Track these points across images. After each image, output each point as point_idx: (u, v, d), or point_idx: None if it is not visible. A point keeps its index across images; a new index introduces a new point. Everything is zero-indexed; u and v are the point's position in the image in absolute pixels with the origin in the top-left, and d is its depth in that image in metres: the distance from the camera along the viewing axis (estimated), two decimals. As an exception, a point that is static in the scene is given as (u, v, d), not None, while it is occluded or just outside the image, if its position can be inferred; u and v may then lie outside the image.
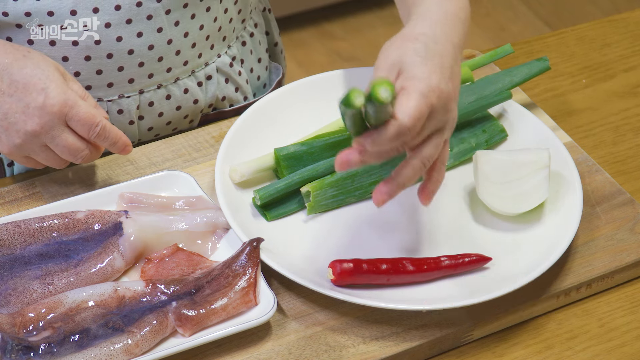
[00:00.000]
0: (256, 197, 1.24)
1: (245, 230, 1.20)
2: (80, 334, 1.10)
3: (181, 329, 1.12)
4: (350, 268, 1.16)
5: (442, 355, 1.17)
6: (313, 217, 1.26)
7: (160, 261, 1.19)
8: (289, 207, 1.26)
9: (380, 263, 1.17)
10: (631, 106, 1.47)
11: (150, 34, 1.31)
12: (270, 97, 1.35)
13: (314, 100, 1.36)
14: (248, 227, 1.21)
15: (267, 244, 1.18)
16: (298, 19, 3.04)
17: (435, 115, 1.07)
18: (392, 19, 3.14)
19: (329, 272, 1.17)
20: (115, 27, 1.29)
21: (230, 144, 1.29)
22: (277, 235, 1.22)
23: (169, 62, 1.35)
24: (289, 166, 1.27)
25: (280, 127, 1.33)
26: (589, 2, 3.22)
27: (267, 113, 1.34)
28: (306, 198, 1.25)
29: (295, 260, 1.20)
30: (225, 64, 1.42)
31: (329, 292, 1.14)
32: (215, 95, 1.42)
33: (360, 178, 1.27)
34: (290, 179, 1.25)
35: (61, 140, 1.21)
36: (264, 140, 1.31)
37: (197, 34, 1.35)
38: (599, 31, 1.59)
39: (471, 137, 1.33)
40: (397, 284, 1.18)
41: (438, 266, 1.18)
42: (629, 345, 1.18)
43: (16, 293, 1.15)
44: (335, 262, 1.17)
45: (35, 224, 1.20)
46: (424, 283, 1.19)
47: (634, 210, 1.28)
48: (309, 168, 1.26)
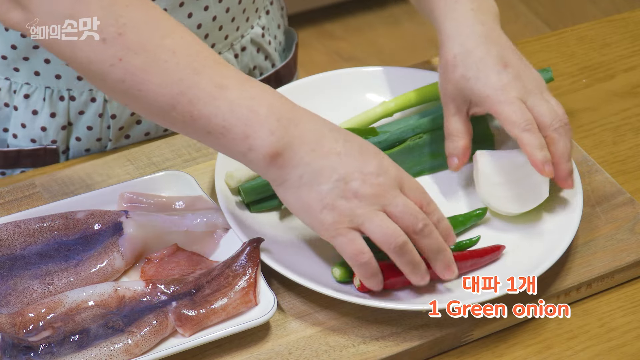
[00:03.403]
0: (241, 192, 1.24)
1: (245, 231, 1.20)
2: (80, 334, 1.10)
3: (181, 329, 1.12)
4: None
5: (442, 355, 1.17)
6: None
7: (160, 261, 1.19)
8: (273, 202, 1.26)
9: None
10: (631, 106, 1.47)
11: (198, 13, 1.34)
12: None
13: (314, 100, 1.36)
14: (248, 227, 1.21)
15: (267, 244, 1.18)
16: (298, 19, 3.04)
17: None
18: (392, 19, 3.14)
19: (355, 282, 1.16)
20: (171, 12, 1.32)
21: None
22: (277, 235, 1.22)
23: (214, 38, 1.38)
24: None
25: None
26: (589, 2, 3.22)
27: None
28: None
29: (295, 260, 1.20)
30: (257, 34, 1.46)
31: (329, 292, 1.14)
32: (248, 65, 1.46)
33: None
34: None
35: (401, 200, 1.11)
36: None
37: (236, 7, 1.39)
38: (599, 31, 1.59)
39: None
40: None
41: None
42: (629, 345, 1.18)
43: (16, 293, 1.15)
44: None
45: (35, 224, 1.20)
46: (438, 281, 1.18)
47: (634, 210, 1.28)
48: None
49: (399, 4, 3.19)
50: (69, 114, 1.37)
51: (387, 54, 3.02)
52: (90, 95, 1.35)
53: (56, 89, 1.35)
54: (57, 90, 1.35)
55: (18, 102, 1.36)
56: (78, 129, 1.38)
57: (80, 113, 1.37)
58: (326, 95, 1.37)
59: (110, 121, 1.38)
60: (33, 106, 1.36)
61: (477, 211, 1.25)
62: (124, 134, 1.40)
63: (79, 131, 1.38)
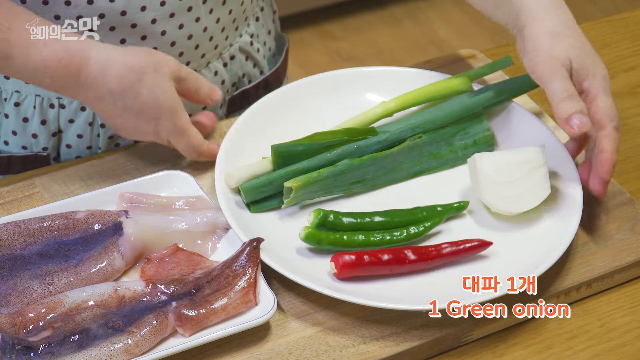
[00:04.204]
0: (241, 192, 1.25)
1: (245, 230, 1.20)
2: (80, 334, 1.10)
3: (181, 328, 1.12)
4: (352, 260, 1.17)
5: (442, 355, 1.17)
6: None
7: (160, 261, 1.19)
8: (273, 202, 1.26)
9: (382, 253, 1.17)
10: (631, 106, 1.47)
11: (189, 24, 1.35)
12: (271, 97, 1.35)
13: (314, 100, 1.36)
14: (248, 227, 1.21)
15: (267, 243, 1.18)
16: (298, 19, 3.04)
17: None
18: (392, 19, 3.14)
19: (331, 266, 1.17)
20: (160, 22, 1.33)
21: (231, 143, 1.29)
22: (277, 235, 1.22)
23: (204, 48, 1.39)
24: (284, 164, 1.27)
25: (280, 127, 1.33)
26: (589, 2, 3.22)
27: (268, 113, 1.34)
28: (287, 194, 1.24)
29: (295, 260, 1.20)
30: (246, 42, 1.46)
31: (329, 292, 1.14)
32: (237, 73, 1.47)
33: (343, 177, 1.27)
34: (277, 174, 1.26)
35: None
36: (264, 139, 1.31)
37: (227, 18, 1.40)
38: (599, 31, 1.59)
39: (461, 141, 1.34)
40: (400, 274, 1.18)
41: (440, 254, 1.19)
42: (629, 345, 1.18)
43: (16, 293, 1.15)
44: (337, 255, 1.17)
45: (35, 224, 1.20)
46: (427, 272, 1.19)
47: (634, 210, 1.28)
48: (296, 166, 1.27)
49: (399, 4, 3.19)
50: (59, 121, 1.37)
51: (387, 54, 3.02)
52: (80, 104, 1.36)
53: (46, 97, 1.35)
54: (47, 98, 1.35)
55: (9, 110, 1.37)
56: (68, 136, 1.39)
57: (70, 121, 1.37)
58: (326, 95, 1.37)
59: (100, 130, 1.38)
60: (24, 114, 1.36)
61: (456, 204, 1.25)
62: (113, 143, 1.40)
63: (69, 139, 1.39)
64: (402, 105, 1.34)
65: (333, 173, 1.26)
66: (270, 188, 1.25)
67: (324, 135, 1.28)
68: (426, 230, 1.22)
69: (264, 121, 1.33)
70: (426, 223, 1.22)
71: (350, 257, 1.17)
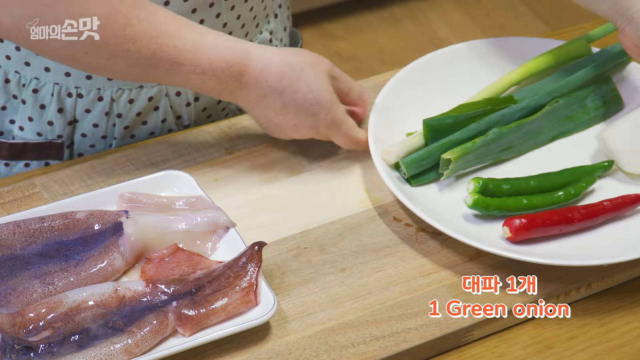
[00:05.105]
0: (402, 165, 1.29)
1: (417, 204, 1.23)
2: (80, 334, 1.10)
3: (181, 328, 1.12)
4: (525, 223, 1.21)
5: (442, 355, 1.17)
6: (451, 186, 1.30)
7: (160, 261, 1.19)
8: (432, 175, 1.30)
9: (551, 214, 1.22)
10: (631, 106, 1.47)
11: (210, 20, 1.36)
12: (398, 78, 1.39)
13: (441, 74, 1.41)
14: (418, 200, 1.25)
15: (435, 214, 1.23)
16: (298, 19, 3.04)
17: None
18: (392, 19, 3.14)
19: (504, 230, 1.21)
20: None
21: (380, 111, 1.35)
22: (442, 205, 1.27)
23: None
24: (435, 137, 1.31)
25: (413, 105, 1.38)
26: (589, 2, 3.22)
27: (415, 81, 1.40)
28: (444, 165, 1.28)
29: (471, 229, 1.24)
30: (265, 39, 1.47)
31: (513, 255, 1.18)
32: None
33: (494, 145, 1.31)
34: (433, 147, 1.30)
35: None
36: (404, 116, 1.37)
37: (247, 14, 1.41)
38: (599, 31, 1.59)
39: (591, 105, 1.39)
40: (569, 233, 1.22)
41: (603, 209, 1.23)
42: (629, 345, 1.18)
43: (16, 293, 1.15)
44: (510, 220, 1.21)
45: (35, 224, 1.20)
46: (590, 230, 1.23)
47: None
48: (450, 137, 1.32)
49: (399, 4, 3.19)
50: (76, 110, 1.38)
51: (387, 54, 3.02)
52: (98, 94, 1.36)
53: (64, 86, 1.36)
54: (66, 87, 1.36)
55: (26, 96, 1.37)
56: (84, 125, 1.39)
57: (86, 111, 1.38)
58: (454, 67, 1.43)
59: (116, 120, 1.38)
60: (41, 101, 1.37)
61: (605, 162, 1.30)
62: (129, 134, 1.40)
63: (84, 128, 1.39)
64: (527, 73, 1.39)
65: (485, 142, 1.30)
66: (429, 161, 1.29)
67: (469, 107, 1.34)
68: (583, 189, 1.27)
69: (400, 98, 1.38)
70: (582, 183, 1.27)
71: (522, 221, 1.21)
